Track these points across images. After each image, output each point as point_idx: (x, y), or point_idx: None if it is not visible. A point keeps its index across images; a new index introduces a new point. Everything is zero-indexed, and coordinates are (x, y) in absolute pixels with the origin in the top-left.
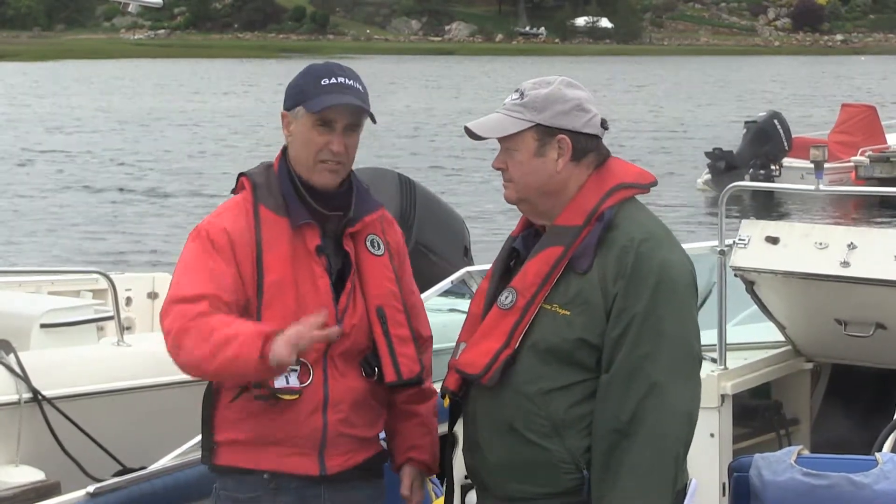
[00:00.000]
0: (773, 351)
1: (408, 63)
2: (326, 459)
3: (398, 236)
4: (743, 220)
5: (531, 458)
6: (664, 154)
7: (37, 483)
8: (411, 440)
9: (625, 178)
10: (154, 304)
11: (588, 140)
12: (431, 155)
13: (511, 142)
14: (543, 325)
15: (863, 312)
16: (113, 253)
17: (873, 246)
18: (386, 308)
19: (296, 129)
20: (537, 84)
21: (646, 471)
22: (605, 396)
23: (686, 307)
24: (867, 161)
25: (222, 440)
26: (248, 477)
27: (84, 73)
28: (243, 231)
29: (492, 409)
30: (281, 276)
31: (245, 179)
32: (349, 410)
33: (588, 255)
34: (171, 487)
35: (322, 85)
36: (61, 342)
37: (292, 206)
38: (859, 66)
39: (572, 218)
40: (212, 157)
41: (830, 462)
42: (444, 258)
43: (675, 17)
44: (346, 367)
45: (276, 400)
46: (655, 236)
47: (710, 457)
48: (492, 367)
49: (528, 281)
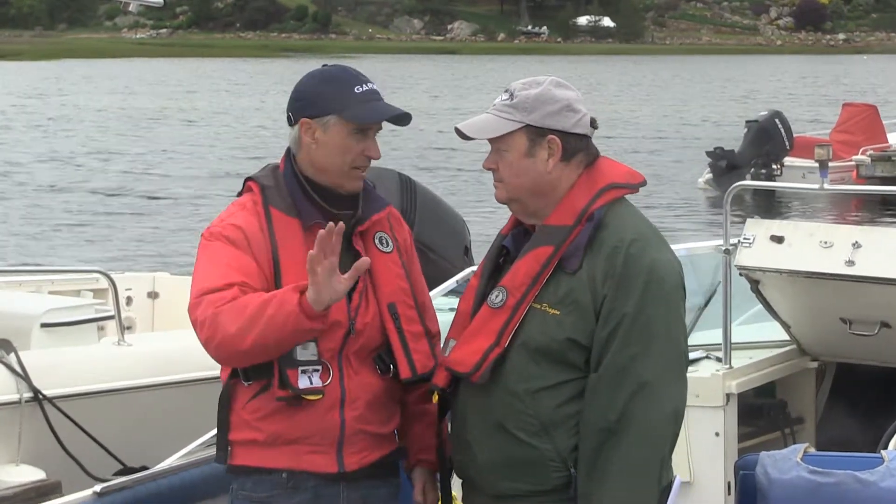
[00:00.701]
0: (778, 350)
1: (410, 62)
2: (345, 457)
3: (406, 233)
4: (748, 220)
5: (520, 456)
6: (665, 153)
7: (37, 482)
8: (422, 441)
9: (615, 178)
10: (154, 303)
11: (578, 140)
12: (433, 155)
13: (501, 142)
14: (533, 325)
15: (868, 311)
16: (114, 252)
17: (878, 245)
18: (398, 305)
19: (326, 137)
20: (527, 84)
21: (633, 469)
22: (593, 395)
23: (675, 307)
24: (868, 160)
25: (238, 440)
26: (265, 476)
27: (86, 73)
28: (256, 231)
29: (481, 408)
30: (297, 277)
31: (252, 183)
32: (365, 407)
33: (578, 255)
34: (178, 487)
35: (357, 93)
36: (62, 342)
37: (302, 206)
38: (861, 66)
39: (563, 218)
40: (213, 157)
41: (836, 460)
42: (444, 257)
43: (678, 17)
44: (361, 365)
45: (298, 400)
46: (645, 237)
47: (716, 455)
48: (482, 365)
49: (519, 280)
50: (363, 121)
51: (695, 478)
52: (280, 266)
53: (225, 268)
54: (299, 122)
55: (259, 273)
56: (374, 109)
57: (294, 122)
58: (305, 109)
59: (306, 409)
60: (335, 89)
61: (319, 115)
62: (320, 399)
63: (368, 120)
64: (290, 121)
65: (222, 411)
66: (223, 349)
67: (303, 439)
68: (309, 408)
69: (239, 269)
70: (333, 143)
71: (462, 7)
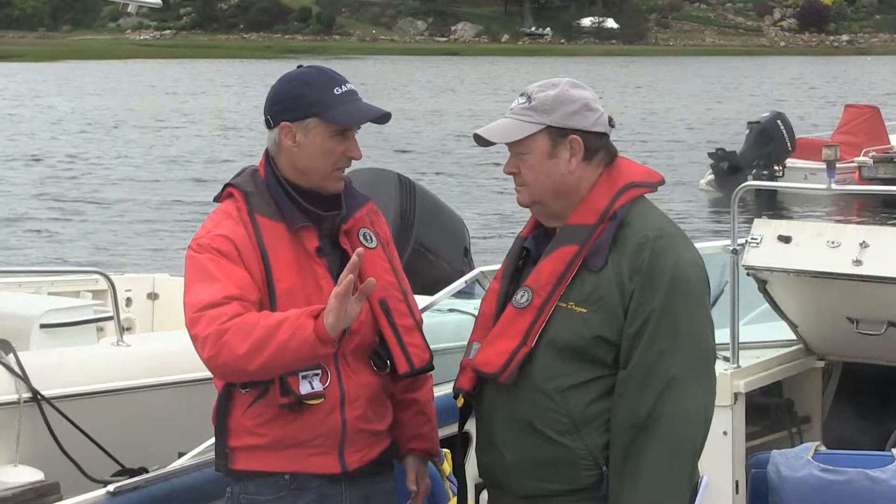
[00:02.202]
0: (785, 349)
1: (413, 63)
2: (346, 457)
3: (385, 226)
4: (755, 220)
5: (550, 455)
6: (667, 154)
7: (36, 483)
8: (412, 430)
9: (634, 177)
10: (154, 304)
11: (597, 139)
12: (434, 155)
13: (522, 146)
14: (560, 323)
15: (875, 311)
16: (114, 253)
17: (886, 245)
18: (388, 300)
19: (307, 139)
20: (543, 86)
21: (664, 466)
22: (622, 392)
23: (701, 304)
24: (870, 162)
25: (239, 446)
26: (268, 479)
27: (89, 74)
28: (245, 240)
29: (509, 408)
30: (290, 283)
31: (233, 189)
32: (365, 406)
33: (602, 253)
34: (191, 487)
35: (337, 95)
36: (61, 342)
37: (287, 210)
38: (865, 67)
39: (585, 217)
40: (215, 158)
41: (847, 458)
42: (443, 259)
43: (681, 18)
44: (358, 364)
45: (300, 405)
46: (669, 233)
47: (724, 454)
48: (509, 365)
49: (544, 280)
50: (346, 122)
51: (701, 476)
52: (272, 273)
53: (221, 281)
54: (279, 125)
55: (253, 285)
56: (356, 111)
57: (273, 126)
58: (285, 113)
59: (308, 412)
60: (315, 92)
61: (300, 118)
62: (321, 402)
63: (351, 122)
64: (268, 124)
65: (220, 418)
66: (228, 368)
67: (305, 442)
68: (310, 411)
69: (235, 283)
70: (315, 146)
71: (466, 8)
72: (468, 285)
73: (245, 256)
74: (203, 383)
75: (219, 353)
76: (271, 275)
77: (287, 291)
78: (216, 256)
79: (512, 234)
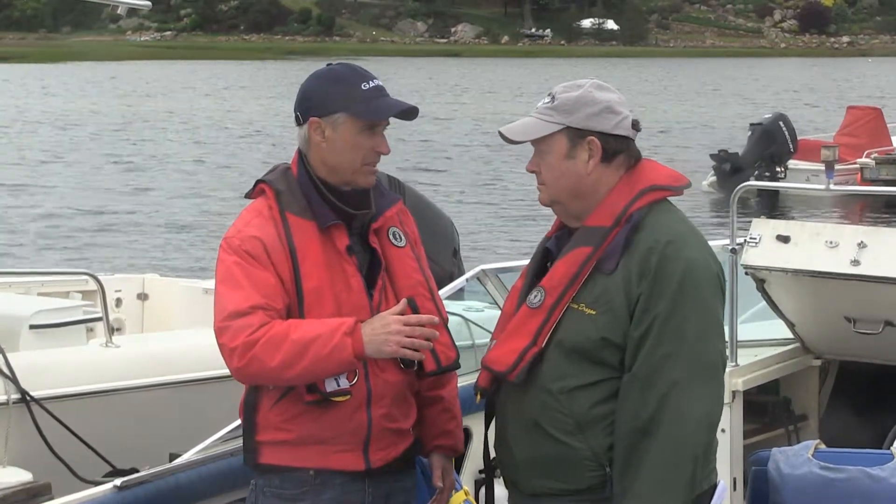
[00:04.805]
0: (783, 348)
1: (413, 65)
2: (371, 454)
3: (413, 225)
4: (754, 220)
5: (555, 454)
6: (669, 156)
7: (26, 484)
8: (438, 427)
9: (656, 180)
10: (144, 305)
11: (618, 142)
12: (435, 156)
13: (543, 144)
14: (570, 324)
15: (872, 310)
16: (109, 254)
17: (883, 245)
18: (417, 298)
19: (336, 135)
20: (568, 87)
21: (664, 469)
22: (626, 395)
23: (710, 308)
24: (872, 163)
25: (266, 440)
26: (293, 474)
27: (89, 75)
28: (274, 238)
29: (519, 406)
30: (319, 281)
31: (265, 185)
32: (391, 405)
33: (615, 257)
34: (197, 481)
35: (364, 90)
36: (50, 343)
37: (317, 208)
38: (866, 68)
39: (601, 219)
40: (214, 159)
41: (847, 456)
42: (432, 259)
43: (681, 19)
44: (385, 362)
45: (327, 402)
46: (682, 237)
47: (722, 452)
48: (518, 364)
49: (556, 280)
50: (373, 117)
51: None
52: (300, 271)
53: (246, 288)
54: (308, 121)
55: (279, 291)
56: (383, 105)
57: (303, 122)
58: (314, 109)
59: (334, 409)
60: (342, 87)
61: (328, 113)
62: (348, 399)
63: (378, 116)
64: (298, 121)
65: (248, 414)
66: (258, 378)
67: (331, 439)
68: (337, 408)
69: (259, 290)
70: (344, 141)
71: (466, 10)
72: (468, 283)
73: (274, 256)
74: (193, 384)
75: (248, 364)
76: (299, 273)
77: (315, 290)
78: (245, 259)
79: (511, 234)
